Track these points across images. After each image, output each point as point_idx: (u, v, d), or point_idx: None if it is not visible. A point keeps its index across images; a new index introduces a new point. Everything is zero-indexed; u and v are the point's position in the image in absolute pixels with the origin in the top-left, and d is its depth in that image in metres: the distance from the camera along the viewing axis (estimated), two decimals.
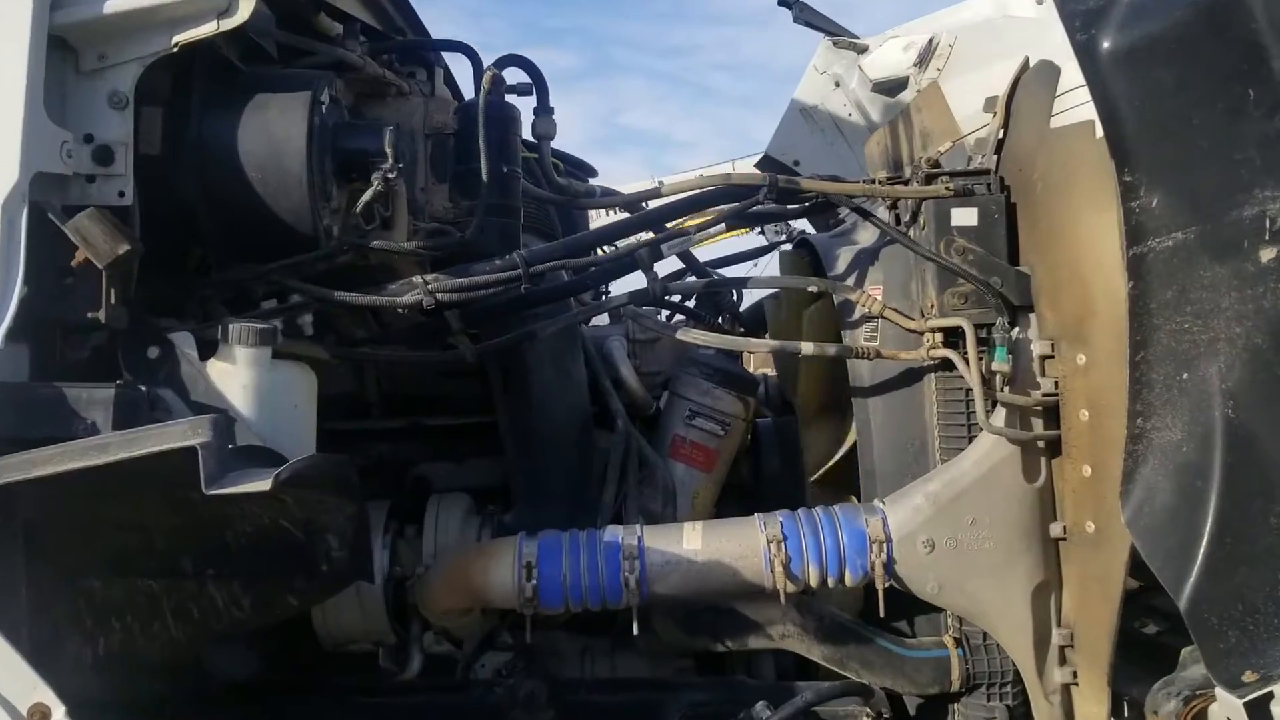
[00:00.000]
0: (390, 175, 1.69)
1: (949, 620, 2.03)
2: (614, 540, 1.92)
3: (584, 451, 2.21)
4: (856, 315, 2.10)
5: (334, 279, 1.81)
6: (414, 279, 1.81)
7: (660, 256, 2.02)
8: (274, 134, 1.65)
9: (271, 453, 1.55)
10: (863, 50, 3.70)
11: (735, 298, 2.49)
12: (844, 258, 2.21)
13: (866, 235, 2.28)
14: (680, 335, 2.07)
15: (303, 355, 1.79)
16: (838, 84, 3.76)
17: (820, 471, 2.25)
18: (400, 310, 1.80)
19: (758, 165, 3.76)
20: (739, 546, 1.91)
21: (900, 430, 2.05)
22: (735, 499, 2.36)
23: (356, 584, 1.98)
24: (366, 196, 1.70)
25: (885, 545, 1.88)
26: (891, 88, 3.57)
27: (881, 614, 1.89)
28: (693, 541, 1.92)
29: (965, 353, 1.92)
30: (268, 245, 1.71)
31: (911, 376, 2.05)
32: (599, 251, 2.23)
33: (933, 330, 1.97)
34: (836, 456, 2.22)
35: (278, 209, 1.66)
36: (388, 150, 1.70)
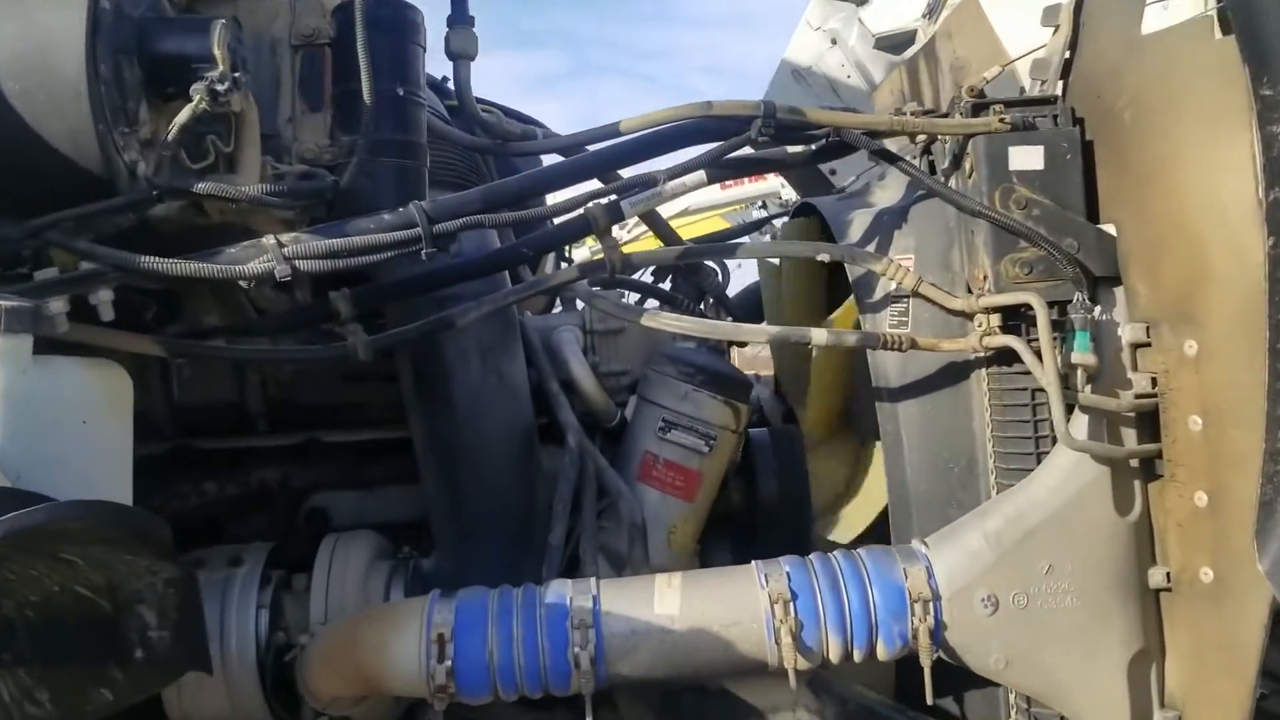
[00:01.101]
0: (219, 88, 1.18)
1: (1013, 700, 1.61)
2: (560, 602, 1.45)
3: (525, 476, 1.79)
4: (879, 294, 1.70)
5: (159, 241, 1.28)
6: (264, 240, 1.28)
7: (620, 215, 1.52)
8: (41, 27, 1.15)
9: (25, 495, 1.10)
10: (863, 1, 3.34)
11: (721, 277, 1.99)
12: (858, 222, 1.82)
13: (885, 195, 1.88)
14: (646, 321, 1.57)
15: (110, 350, 1.28)
16: (834, 41, 3.50)
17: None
18: (244, 284, 1.28)
19: None
20: (731, 609, 1.45)
21: (940, 444, 1.66)
22: (725, 533, 1.95)
23: (220, 658, 1.61)
24: (181, 118, 1.19)
25: (932, 604, 1.45)
26: (896, 43, 3.31)
27: (929, 699, 1.41)
28: (668, 603, 1.44)
29: (1034, 340, 1.50)
30: (37, 189, 1.19)
31: (955, 373, 1.65)
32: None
33: (987, 311, 1.56)
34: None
35: (49, 136, 1.16)
36: (216, 53, 1.19)
